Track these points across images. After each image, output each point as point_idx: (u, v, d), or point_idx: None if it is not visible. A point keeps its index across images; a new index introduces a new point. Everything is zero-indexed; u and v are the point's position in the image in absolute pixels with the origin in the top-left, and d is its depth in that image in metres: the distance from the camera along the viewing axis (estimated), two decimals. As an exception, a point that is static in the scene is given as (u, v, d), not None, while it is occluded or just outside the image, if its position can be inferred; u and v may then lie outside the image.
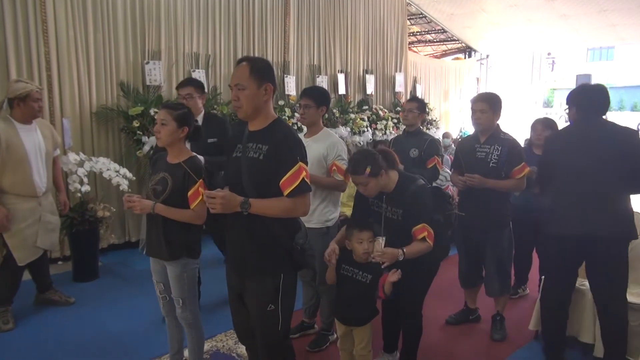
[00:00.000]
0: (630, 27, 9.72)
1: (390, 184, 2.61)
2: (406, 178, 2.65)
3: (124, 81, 5.25)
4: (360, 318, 2.65)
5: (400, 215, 2.59)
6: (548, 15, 9.60)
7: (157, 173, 2.55)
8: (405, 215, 2.57)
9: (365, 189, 2.55)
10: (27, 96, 3.38)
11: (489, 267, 3.42)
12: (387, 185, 2.60)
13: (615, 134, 2.74)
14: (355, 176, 2.55)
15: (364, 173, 2.47)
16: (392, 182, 2.61)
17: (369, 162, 2.49)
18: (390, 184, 2.61)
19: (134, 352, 3.13)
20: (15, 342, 3.28)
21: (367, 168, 2.47)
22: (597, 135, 2.75)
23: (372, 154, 2.56)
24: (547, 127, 3.98)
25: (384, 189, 2.60)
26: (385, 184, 2.58)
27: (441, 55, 13.01)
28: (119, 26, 5.22)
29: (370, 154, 2.57)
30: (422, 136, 3.93)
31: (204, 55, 5.99)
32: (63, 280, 4.30)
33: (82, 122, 5.00)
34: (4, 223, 3.33)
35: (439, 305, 3.89)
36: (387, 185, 2.60)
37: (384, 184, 2.58)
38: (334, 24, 7.71)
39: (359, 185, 2.56)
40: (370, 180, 2.51)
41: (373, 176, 2.50)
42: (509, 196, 3.42)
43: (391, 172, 2.61)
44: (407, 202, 2.56)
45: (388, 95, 8.97)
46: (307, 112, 3.10)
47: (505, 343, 3.39)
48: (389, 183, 2.60)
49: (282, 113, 6.54)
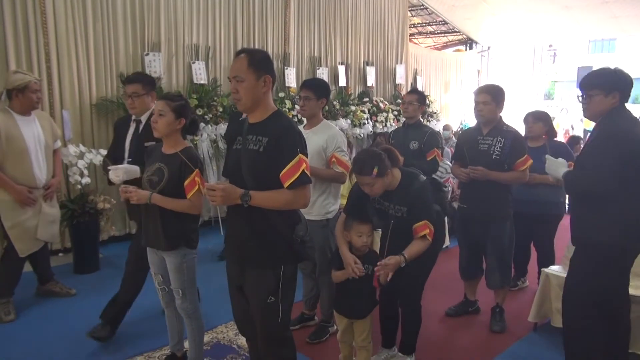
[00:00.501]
0: (633, 18, 9.67)
1: (394, 182, 2.62)
2: (408, 175, 2.66)
3: (124, 73, 5.22)
4: (362, 310, 2.66)
5: (405, 213, 2.60)
6: (550, 6, 9.54)
7: (153, 164, 2.55)
8: (409, 212, 2.59)
9: (371, 189, 2.54)
10: (25, 87, 3.37)
11: (489, 259, 3.42)
12: (391, 184, 2.61)
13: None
14: (361, 177, 2.53)
15: (372, 174, 2.47)
16: (395, 180, 2.62)
17: (376, 163, 2.48)
18: (394, 182, 2.62)
19: (134, 344, 3.14)
20: (16, 333, 3.29)
21: (374, 169, 2.47)
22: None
23: (378, 155, 2.55)
24: (537, 119, 3.99)
25: (388, 187, 2.61)
26: (389, 182, 2.59)
27: (442, 47, 12.95)
28: (119, 17, 5.19)
29: (377, 154, 2.55)
30: (422, 128, 3.92)
31: (204, 46, 5.97)
32: (64, 272, 4.31)
33: (82, 114, 5.00)
34: (28, 197, 3.39)
35: (439, 297, 3.90)
36: (392, 183, 2.61)
37: (389, 183, 2.59)
38: (334, 15, 7.67)
39: (365, 185, 2.55)
40: (377, 181, 2.50)
41: (380, 176, 2.50)
42: (510, 188, 3.43)
43: (394, 170, 2.63)
44: (411, 200, 2.58)
45: (389, 87, 8.94)
46: (306, 104, 3.09)
47: (505, 335, 3.41)
48: (393, 181, 2.61)
49: (283, 105, 6.52)
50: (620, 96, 2.45)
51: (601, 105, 2.47)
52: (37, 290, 3.89)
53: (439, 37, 12.78)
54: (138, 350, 3.06)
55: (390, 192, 2.64)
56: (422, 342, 2.97)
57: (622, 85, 2.45)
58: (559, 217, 4.02)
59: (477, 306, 3.74)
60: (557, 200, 3.94)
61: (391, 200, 2.64)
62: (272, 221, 2.08)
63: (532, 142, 3.93)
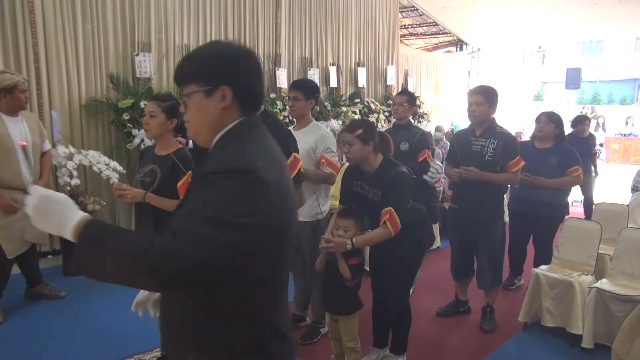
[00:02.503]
0: (620, 20, 9.79)
1: (374, 163, 2.65)
2: (389, 162, 2.69)
3: (114, 73, 5.20)
4: (342, 307, 2.66)
5: (380, 197, 2.62)
6: (539, 8, 9.63)
7: (145, 165, 2.54)
8: (382, 196, 2.60)
9: (350, 149, 2.61)
10: (14, 87, 3.34)
11: (481, 259, 3.44)
12: (370, 163, 2.64)
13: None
14: (346, 133, 2.63)
15: (355, 133, 2.57)
16: (376, 163, 2.65)
17: (364, 127, 2.60)
18: (374, 163, 2.65)
19: (125, 346, 3.11)
20: (5, 335, 3.25)
21: (359, 130, 2.57)
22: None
23: (371, 124, 2.71)
24: (551, 120, 3.96)
25: (367, 165, 2.65)
26: (368, 157, 2.62)
27: (433, 48, 13.02)
28: (108, 17, 5.16)
29: (370, 123, 2.73)
30: (412, 129, 3.93)
31: (195, 47, 5.89)
32: (53, 274, 4.26)
33: (71, 114, 4.95)
34: (10, 204, 3.33)
35: (430, 297, 3.92)
36: (371, 163, 2.64)
37: (367, 158, 2.62)
38: (325, 16, 7.68)
39: (345, 143, 2.62)
40: (357, 143, 2.57)
41: (361, 140, 2.57)
42: (503, 189, 3.44)
43: (379, 155, 2.67)
44: (386, 185, 2.60)
45: (380, 88, 8.97)
46: (296, 104, 3.09)
47: (495, 334, 3.42)
48: (373, 162, 2.65)
49: (274, 106, 6.51)
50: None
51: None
52: (25, 292, 3.84)
53: (430, 38, 12.86)
54: (129, 352, 3.04)
55: (371, 175, 2.66)
56: (413, 341, 2.97)
57: None
58: (561, 218, 3.96)
59: (468, 306, 3.76)
60: (561, 202, 3.93)
61: (370, 184, 2.67)
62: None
63: (540, 143, 3.94)
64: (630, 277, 3.25)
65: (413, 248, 2.67)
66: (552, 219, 3.95)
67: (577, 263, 3.48)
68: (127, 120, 4.97)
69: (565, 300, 3.23)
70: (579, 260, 3.48)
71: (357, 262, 2.55)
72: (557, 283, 3.29)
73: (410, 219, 2.59)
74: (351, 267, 2.53)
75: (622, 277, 3.28)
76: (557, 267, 3.53)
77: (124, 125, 5.00)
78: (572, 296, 3.20)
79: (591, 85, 22.86)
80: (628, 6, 8.98)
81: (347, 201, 2.80)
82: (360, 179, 2.71)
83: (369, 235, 2.58)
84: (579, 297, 3.16)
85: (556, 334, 3.31)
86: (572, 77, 13.60)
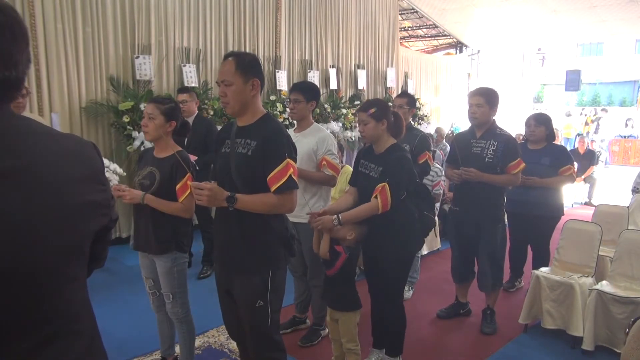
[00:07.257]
0: (620, 22, 9.80)
1: (385, 144, 2.68)
2: (397, 146, 2.72)
3: (114, 76, 5.20)
4: (341, 302, 2.67)
5: (379, 173, 2.63)
6: (539, 11, 9.65)
7: (144, 167, 2.54)
8: (382, 173, 2.62)
9: (364, 128, 2.66)
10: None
11: (482, 262, 3.44)
12: (382, 143, 2.68)
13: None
14: (361, 112, 2.67)
15: (369, 112, 2.62)
16: (386, 144, 2.69)
17: (377, 106, 2.65)
18: (385, 144, 2.68)
19: (125, 349, 3.10)
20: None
21: (372, 109, 2.62)
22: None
23: (385, 103, 2.75)
24: (540, 123, 3.96)
25: (378, 145, 2.69)
26: (381, 137, 2.66)
27: (432, 50, 13.03)
28: (109, 20, 5.16)
29: (384, 102, 2.76)
30: (413, 132, 3.92)
31: (195, 49, 5.95)
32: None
33: (72, 117, 4.96)
34: None
35: (430, 299, 3.91)
36: (383, 142, 2.68)
37: (380, 137, 2.66)
38: (325, 18, 7.69)
39: (360, 123, 2.67)
40: (371, 121, 2.62)
41: (374, 118, 2.61)
42: (503, 191, 3.44)
43: (390, 138, 2.71)
44: (387, 163, 2.62)
45: (380, 90, 8.97)
46: (296, 106, 3.09)
47: (496, 337, 3.42)
48: (385, 143, 2.68)
49: (274, 108, 6.52)
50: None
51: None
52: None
53: (430, 40, 12.87)
54: (129, 355, 3.03)
55: (377, 155, 2.70)
56: (412, 344, 2.97)
57: None
58: (557, 219, 3.97)
59: (469, 308, 3.75)
60: (555, 202, 3.92)
61: (375, 162, 2.69)
62: (268, 221, 2.08)
63: (532, 145, 3.96)
64: (630, 279, 3.25)
65: (402, 248, 2.68)
66: (547, 220, 3.94)
67: (577, 265, 3.47)
68: (127, 122, 4.98)
69: (566, 302, 3.23)
70: (579, 262, 3.48)
71: (341, 250, 2.55)
72: (557, 285, 3.29)
73: (400, 217, 2.60)
74: (332, 252, 2.55)
75: (622, 279, 3.28)
76: (557, 269, 3.52)
77: (124, 128, 5.00)
78: (572, 298, 3.20)
79: (591, 87, 22.87)
80: (627, 8, 9.00)
81: (354, 181, 2.86)
82: (367, 158, 2.75)
83: (356, 210, 2.59)
84: (579, 299, 3.16)
85: (556, 336, 3.30)
86: (572, 79, 13.63)
